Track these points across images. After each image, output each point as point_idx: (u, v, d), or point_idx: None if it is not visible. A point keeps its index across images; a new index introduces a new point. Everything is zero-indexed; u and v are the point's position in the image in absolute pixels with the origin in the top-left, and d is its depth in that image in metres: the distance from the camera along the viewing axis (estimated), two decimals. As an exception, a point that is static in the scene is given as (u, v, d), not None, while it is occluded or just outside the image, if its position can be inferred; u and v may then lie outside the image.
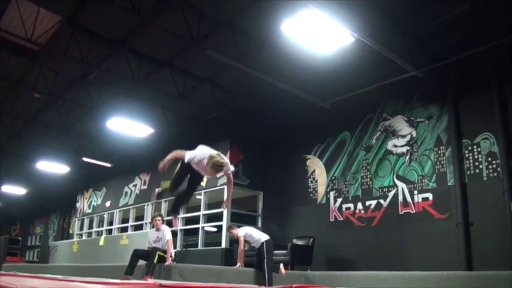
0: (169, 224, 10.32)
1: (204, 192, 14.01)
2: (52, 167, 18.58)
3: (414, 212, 10.13)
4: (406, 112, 10.80)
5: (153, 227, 9.26)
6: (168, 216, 9.02)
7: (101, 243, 14.75)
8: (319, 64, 10.27)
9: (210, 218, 14.03)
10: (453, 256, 9.06)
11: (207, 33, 9.73)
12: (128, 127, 13.73)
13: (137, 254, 8.58)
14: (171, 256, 8.78)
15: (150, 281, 7.10)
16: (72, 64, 11.17)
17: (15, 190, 22.99)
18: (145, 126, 13.81)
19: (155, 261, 8.33)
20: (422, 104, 10.50)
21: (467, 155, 9.43)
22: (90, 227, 20.30)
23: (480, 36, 9.07)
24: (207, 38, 9.80)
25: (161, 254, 8.52)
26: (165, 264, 8.43)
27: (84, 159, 18.15)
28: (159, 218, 9.09)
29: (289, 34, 8.52)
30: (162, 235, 8.84)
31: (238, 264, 9.39)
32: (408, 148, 10.56)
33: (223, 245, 12.65)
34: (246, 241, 9.41)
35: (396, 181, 10.63)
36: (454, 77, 9.87)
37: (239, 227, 9.88)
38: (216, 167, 6.35)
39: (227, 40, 9.76)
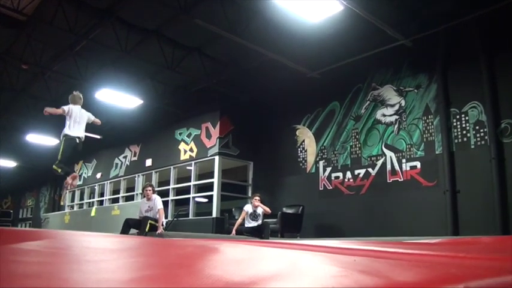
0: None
1: (195, 163, 14.09)
2: (42, 139, 18.52)
3: (402, 180, 10.27)
4: (395, 81, 10.84)
5: (144, 197, 9.34)
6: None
7: (93, 214, 14.84)
8: (309, 33, 10.23)
9: (200, 189, 14.14)
10: (440, 222, 9.23)
11: (195, 2, 9.66)
12: (117, 98, 13.67)
13: (129, 223, 8.68)
14: (162, 225, 8.89)
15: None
16: (60, 34, 11.07)
17: (5, 163, 22.93)
18: (135, 97, 13.76)
19: (147, 229, 8.44)
20: (411, 74, 10.54)
21: (455, 124, 9.52)
22: (82, 198, 20.39)
23: (469, 5, 9.07)
24: (195, 7, 9.73)
25: (152, 222, 8.62)
26: (157, 232, 8.54)
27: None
28: (149, 188, 9.17)
29: (279, 3, 8.46)
30: (153, 204, 8.93)
31: (234, 232, 9.78)
32: (397, 117, 10.63)
33: (214, 215, 12.79)
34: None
35: (385, 150, 10.73)
36: (443, 46, 9.88)
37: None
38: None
39: (216, 9, 9.70)
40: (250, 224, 9.70)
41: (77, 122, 8.44)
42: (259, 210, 9.74)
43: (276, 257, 2.14)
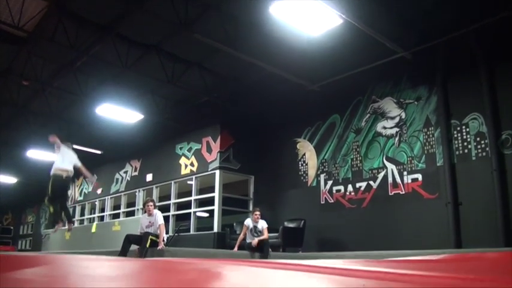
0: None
1: (196, 178, 14.05)
2: (42, 155, 18.48)
3: (404, 192, 10.23)
4: (395, 94, 10.85)
5: (145, 212, 9.29)
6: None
7: (93, 230, 14.77)
8: (308, 47, 10.26)
9: (201, 203, 14.09)
10: (443, 235, 9.16)
11: (194, 17, 9.70)
12: (118, 113, 13.69)
13: (129, 239, 8.62)
14: (163, 240, 8.83)
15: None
16: (60, 51, 11.11)
17: (6, 179, 22.87)
18: (135, 112, 13.77)
19: (147, 245, 8.37)
20: (411, 86, 10.55)
21: (456, 136, 9.51)
22: (82, 214, 20.32)
23: (468, 16, 9.10)
24: (194, 22, 9.78)
25: (153, 238, 8.57)
26: (158, 248, 8.48)
27: (75, 146, 18.06)
28: (151, 203, 9.12)
29: (278, 17, 8.50)
30: (154, 220, 8.88)
31: (236, 248, 9.79)
32: (397, 130, 10.62)
33: (215, 229, 12.73)
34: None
35: (386, 162, 10.71)
36: (442, 58, 9.90)
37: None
38: None
39: (215, 24, 9.74)
40: (251, 239, 9.64)
41: (65, 158, 9.77)
42: (260, 226, 9.68)
43: (282, 281, 2.10)
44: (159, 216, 8.96)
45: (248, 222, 9.80)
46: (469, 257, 1.96)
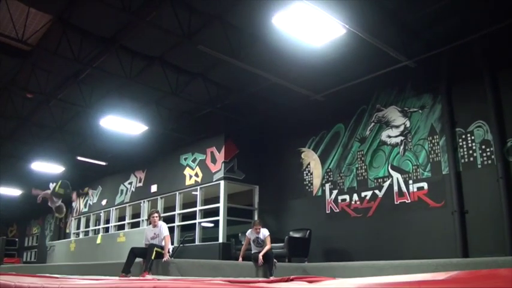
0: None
1: (200, 188, 14.03)
2: (47, 167, 18.52)
3: (410, 201, 10.18)
4: (399, 102, 10.83)
5: (150, 223, 9.26)
6: None
7: (98, 241, 14.76)
8: (312, 57, 10.28)
9: (206, 214, 14.06)
10: (449, 244, 9.10)
11: (198, 29, 9.72)
12: (122, 125, 13.70)
13: (134, 252, 8.58)
14: (168, 252, 8.80)
15: (148, 277, 7.12)
16: (64, 63, 11.15)
17: (11, 191, 22.91)
18: (139, 123, 13.78)
19: (153, 257, 8.33)
20: (415, 94, 10.53)
21: (461, 144, 9.48)
22: (87, 225, 20.32)
23: (472, 24, 9.09)
24: (198, 33, 9.79)
25: (158, 250, 8.53)
26: (163, 260, 8.44)
27: (79, 158, 18.13)
28: (156, 214, 9.08)
29: (281, 27, 8.49)
30: (159, 231, 8.84)
31: (240, 259, 9.76)
32: (402, 138, 10.59)
33: (220, 240, 12.69)
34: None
35: (391, 171, 10.67)
36: (446, 66, 9.90)
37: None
38: None
39: (218, 35, 9.75)
40: (255, 250, 9.59)
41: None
42: (262, 235, 9.59)
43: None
44: (164, 227, 8.92)
45: (250, 234, 9.75)
46: (481, 275, 1.90)
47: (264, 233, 9.57)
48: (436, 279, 1.74)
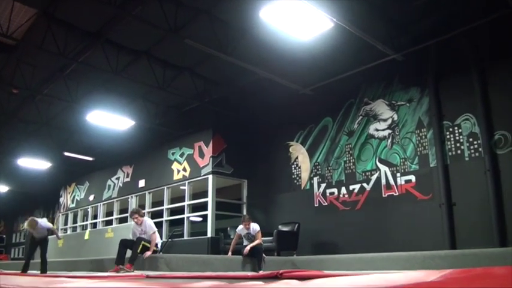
0: None
1: (188, 183, 13.99)
2: (33, 163, 18.37)
3: (397, 194, 10.22)
4: (387, 96, 10.86)
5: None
6: None
7: (86, 237, 14.67)
8: (299, 50, 10.26)
9: (195, 208, 14.02)
10: (437, 236, 9.17)
11: (184, 23, 9.66)
12: (109, 120, 13.60)
13: (124, 244, 8.50)
14: (156, 247, 8.74)
15: (137, 273, 7.09)
16: (50, 58, 11.01)
17: (-3, 188, 22.74)
18: (126, 118, 13.69)
19: (139, 250, 8.27)
20: (402, 87, 10.56)
21: (448, 137, 9.52)
22: (75, 221, 20.18)
23: (459, 18, 9.12)
24: (185, 27, 9.73)
25: (146, 244, 8.46)
26: (145, 256, 8.33)
27: (66, 153, 17.98)
28: (135, 215, 8.82)
29: (268, 21, 8.46)
30: (145, 228, 8.74)
31: (230, 253, 9.70)
32: (390, 131, 10.62)
33: (209, 234, 12.67)
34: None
35: (379, 164, 10.71)
36: (434, 60, 9.92)
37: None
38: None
39: (205, 29, 9.69)
40: (246, 243, 9.59)
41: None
42: (252, 230, 9.59)
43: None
44: (149, 224, 8.79)
45: (240, 230, 9.73)
46: (475, 274, 1.88)
47: (255, 227, 9.57)
48: (428, 281, 1.72)
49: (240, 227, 9.72)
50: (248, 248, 9.27)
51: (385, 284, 1.84)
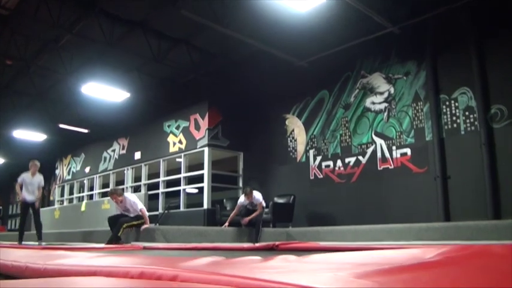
0: None
1: (184, 155, 13.99)
2: (29, 135, 18.30)
3: (393, 167, 10.27)
4: (384, 69, 10.80)
5: None
6: None
7: (83, 208, 14.73)
8: (296, 23, 10.16)
9: (191, 180, 14.06)
10: (432, 208, 9.25)
11: (181, -7, 9.53)
12: (104, 92, 13.49)
13: (114, 221, 8.38)
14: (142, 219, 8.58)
15: (135, 243, 7.14)
16: (43, 29, 10.89)
17: (-8, 160, 22.71)
18: (121, 90, 13.59)
19: (120, 233, 8.14)
20: (400, 61, 10.50)
21: (445, 110, 9.52)
22: (71, 193, 20.22)
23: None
24: (181, -3, 9.61)
25: (132, 223, 8.33)
26: (142, 228, 8.34)
27: (61, 125, 17.92)
28: (114, 196, 8.54)
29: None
30: (128, 206, 8.52)
31: (227, 224, 9.79)
32: (386, 105, 10.61)
33: (205, 206, 12.73)
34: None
35: (375, 138, 10.72)
36: (431, 33, 9.85)
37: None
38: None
39: (202, 0, 9.56)
40: (247, 213, 9.67)
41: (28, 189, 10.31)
42: (256, 200, 9.63)
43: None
44: (133, 201, 8.55)
45: (243, 200, 9.77)
46: (473, 252, 1.87)
47: (257, 197, 9.61)
48: (426, 261, 1.72)
49: (243, 199, 9.77)
50: (247, 219, 9.35)
51: (382, 261, 1.85)
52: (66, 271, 1.75)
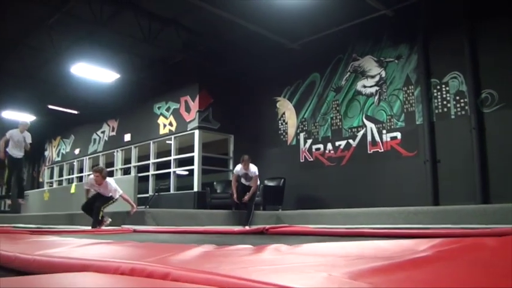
0: None
1: (174, 137, 13.95)
2: (18, 116, 18.09)
3: (383, 150, 10.31)
4: (375, 52, 10.77)
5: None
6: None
7: (72, 190, 14.67)
8: (288, 4, 10.05)
9: (181, 162, 14.04)
10: (421, 192, 9.32)
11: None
12: (93, 73, 13.35)
13: (89, 208, 8.22)
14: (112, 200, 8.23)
15: (125, 227, 7.13)
16: (32, 7, 10.69)
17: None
18: (111, 71, 13.45)
19: (100, 217, 7.96)
20: (391, 44, 10.47)
21: (435, 94, 9.54)
22: (61, 175, 20.16)
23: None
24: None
25: (107, 204, 8.15)
26: (131, 211, 8.26)
27: (50, 106, 17.76)
28: (97, 174, 8.07)
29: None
30: (108, 189, 8.15)
31: (235, 196, 9.68)
32: (377, 88, 10.60)
33: (195, 189, 12.74)
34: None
35: (365, 121, 10.73)
36: (424, 16, 9.81)
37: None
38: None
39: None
40: (245, 183, 9.67)
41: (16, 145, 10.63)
42: (251, 173, 9.59)
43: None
44: (114, 187, 8.18)
45: (239, 170, 9.71)
46: (465, 245, 1.88)
47: (253, 169, 9.56)
48: (419, 257, 1.71)
49: (239, 167, 9.73)
50: (246, 198, 9.35)
51: (376, 254, 1.85)
52: (56, 264, 1.73)
